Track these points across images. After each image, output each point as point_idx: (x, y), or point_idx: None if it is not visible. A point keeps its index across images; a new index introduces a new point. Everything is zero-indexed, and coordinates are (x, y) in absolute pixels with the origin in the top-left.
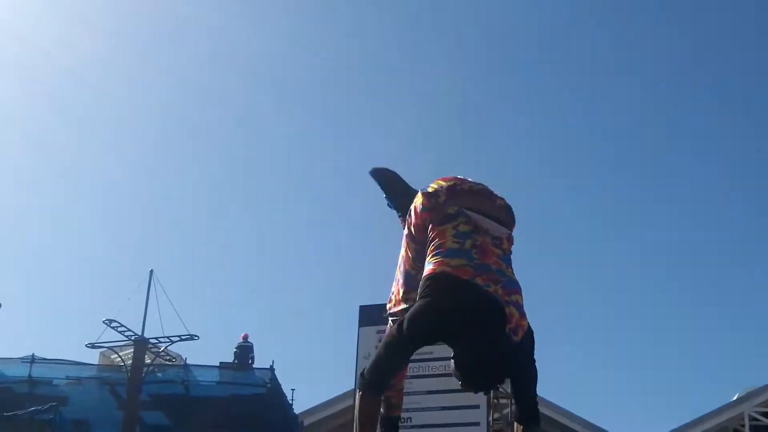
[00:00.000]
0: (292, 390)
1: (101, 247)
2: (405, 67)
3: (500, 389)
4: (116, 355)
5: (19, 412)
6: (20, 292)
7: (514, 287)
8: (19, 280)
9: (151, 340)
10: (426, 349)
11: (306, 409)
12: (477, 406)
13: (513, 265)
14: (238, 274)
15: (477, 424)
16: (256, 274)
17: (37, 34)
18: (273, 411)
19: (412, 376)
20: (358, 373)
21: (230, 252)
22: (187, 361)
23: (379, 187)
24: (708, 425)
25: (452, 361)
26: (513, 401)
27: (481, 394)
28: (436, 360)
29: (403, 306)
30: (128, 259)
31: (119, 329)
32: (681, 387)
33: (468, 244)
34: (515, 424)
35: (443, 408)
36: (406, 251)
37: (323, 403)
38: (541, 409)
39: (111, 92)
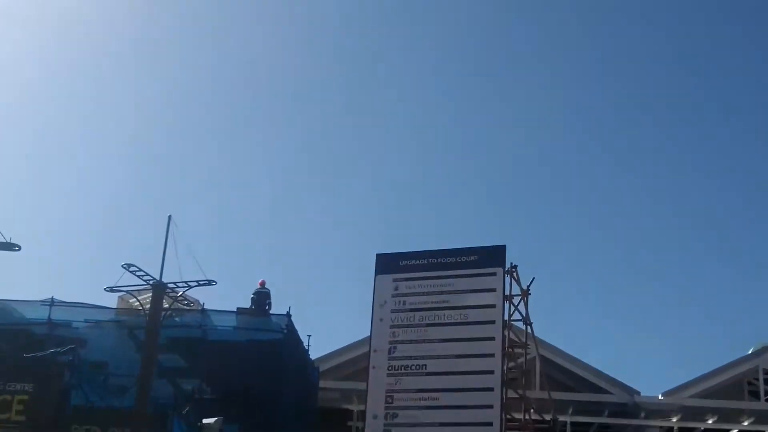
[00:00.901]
0: (309, 336)
1: (121, 192)
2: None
3: (515, 338)
4: (135, 299)
5: (39, 354)
6: (40, 236)
7: None
8: (38, 224)
9: (169, 285)
10: (442, 297)
11: (322, 355)
12: (492, 355)
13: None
14: (256, 222)
15: (491, 372)
16: (274, 222)
17: None
18: (289, 356)
19: (428, 324)
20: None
21: (249, 199)
22: (205, 307)
23: None
24: (722, 378)
25: None
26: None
27: (495, 342)
28: (452, 308)
29: None
30: (148, 204)
31: (138, 273)
32: (697, 341)
33: None
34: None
35: (458, 356)
36: None
37: (339, 349)
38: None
39: (132, 33)
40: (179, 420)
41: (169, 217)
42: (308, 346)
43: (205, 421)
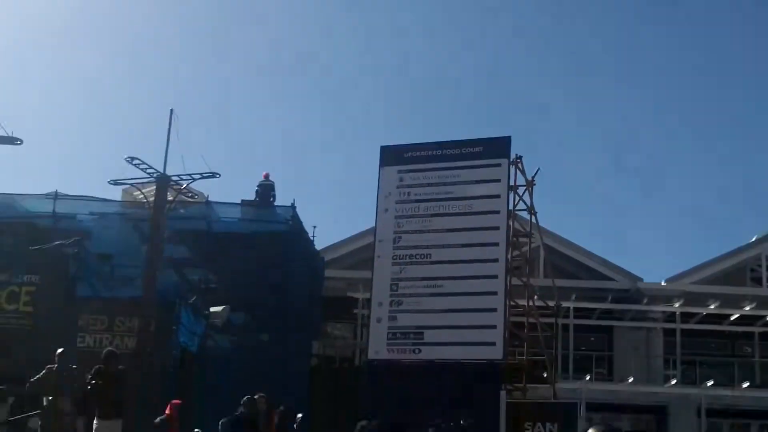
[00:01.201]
0: (314, 227)
1: (124, 85)
2: None
3: (520, 228)
4: (139, 192)
5: (44, 246)
6: (43, 129)
7: None
8: (41, 117)
9: (172, 178)
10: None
11: (327, 245)
12: (496, 244)
13: None
14: (260, 114)
15: (496, 260)
16: (278, 115)
17: None
18: (294, 247)
19: (433, 215)
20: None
21: (252, 92)
22: (209, 199)
23: None
24: (725, 265)
25: None
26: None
27: (500, 231)
28: (457, 199)
29: None
30: (150, 98)
31: (141, 167)
32: (701, 228)
33: None
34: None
35: (463, 245)
36: None
37: (344, 239)
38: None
39: None
40: (186, 309)
41: (171, 110)
42: (313, 237)
43: (212, 309)
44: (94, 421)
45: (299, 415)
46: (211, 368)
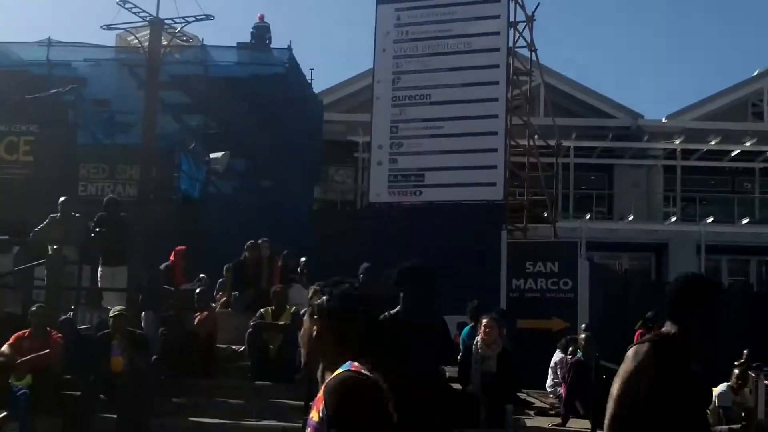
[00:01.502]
0: (311, 70)
1: None
2: None
3: (520, 66)
4: (133, 37)
5: (41, 94)
6: None
7: None
8: None
9: (166, 21)
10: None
11: (325, 88)
12: (496, 83)
13: None
14: None
15: (496, 99)
16: None
17: None
18: (293, 91)
19: (432, 54)
20: None
21: None
22: (205, 43)
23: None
24: (726, 100)
25: None
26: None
27: (500, 69)
28: (456, 37)
29: None
30: None
31: (134, 11)
32: (702, 62)
33: None
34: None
35: (462, 84)
36: None
37: (342, 82)
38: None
39: None
40: (186, 156)
41: None
42: (311, 80)
43: (212, 155)
44: (99, 269)
45: (302, 259)
46: (213, 215)
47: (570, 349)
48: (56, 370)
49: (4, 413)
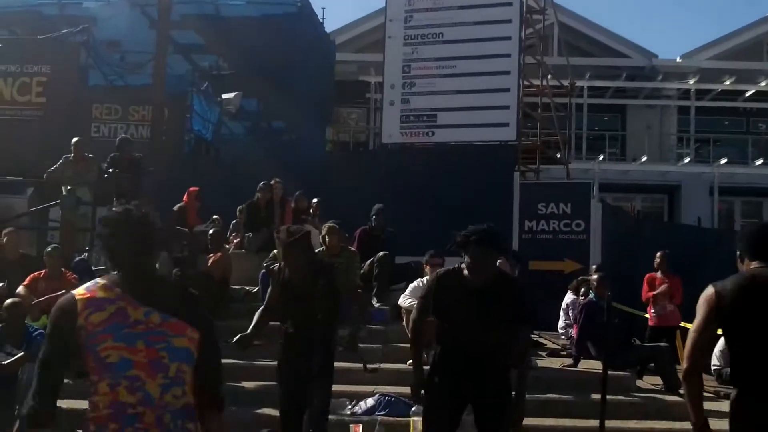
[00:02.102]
0: (323, 9)
1: None
2: None
3: (533, 4)
4: None
5: (52, 35)
6: None
7: None
8: None
9: None
10: None
11: (337, 27)
12: (509, 21)
13: None
14: None
15: (509, 38)
16: None
17: None
18: (305, 30)
19: None
20: None
21: None
22: None
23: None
24: (741, 40)
25: None
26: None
27: (513, 8)
28: None
29: None
30: None
31: None
32: (717, 1)
33: None
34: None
35: (475, 23)
36: None
37: (354, 21)
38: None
39: None
40: (198, 96)
41: None
42: (323, 19)
43: (224, 96)
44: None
45: (314, 200)
46: (226, 156)
47: (582, 290)
48: None
49: (21, 354)
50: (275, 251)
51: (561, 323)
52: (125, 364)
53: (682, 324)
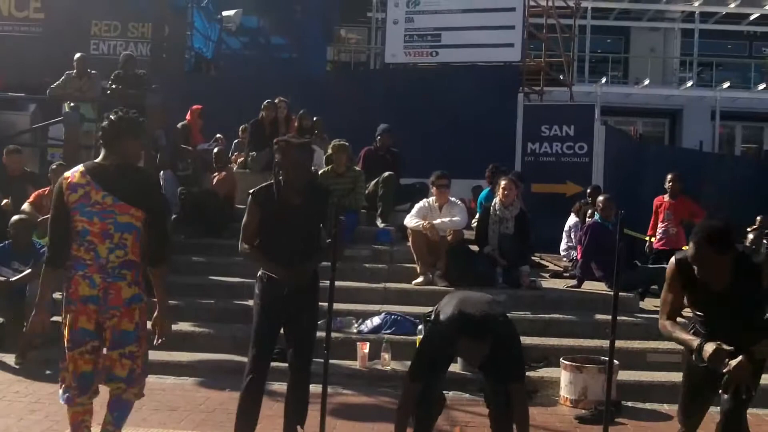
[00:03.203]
0: None
1: None
2: None
3: None
4: None
5: None
6: None
7: None
8: None
9: None
10: None
11: None
12: None
13: None
14: None
15: None
16: None
17: None
18: None
19: None
20: None
21: None
22: None
23: None
24: None
25: None
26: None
27: None
28: None
29: None
30: None
31: None
32: None
33: None
34: None
35: None
36: None
37: None
38: None
39: None
40: (199, 13)
41: None
42: None
43: (224, 13)
44: None
45: (315, 118)
46: (228, 74)
47: (589, 212)
48: None
49: (29, 270)
50: None
51: (563, 245)
52: (85, 232)
53: (685, 248)
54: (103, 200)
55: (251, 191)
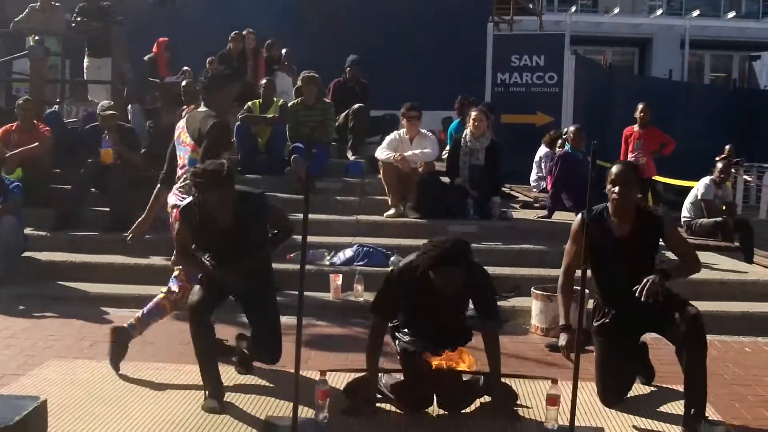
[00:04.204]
0: None
1: None
2: None
3: None
4: None
5: None
6: None
7: None
8: None
9: None
10: None
11: None
12: None
13: None
14: None
15: None
16: None
17: None
18: None
19: None
20: None
21: None
22: None
23: None
24: None
25: None
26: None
27: None
28: None
29: None
30: None
31: None
32: None
33: None
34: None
35: None
36: None
37: None
38: None
39: None
40: None
41: None
42: None
43: None
44: (85, 61)
45: (284, 50)
46: (192, 4)
47: (559, 141)
48: (46, 164)
49: None
50: (249, 103)
51: (533, 176)
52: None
53: (656, 177)
54: (188, 141)
55: (180, 208)
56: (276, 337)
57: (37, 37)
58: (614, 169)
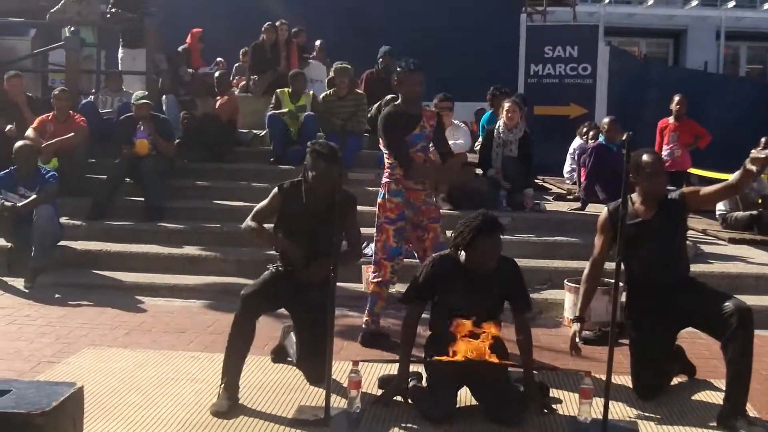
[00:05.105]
0: None
1: None
2: None
3: None
4: None
5: None
6: None
7: None
8: None
9: None
10: None
11: None
12: None
13: None
14: None
15: None
16: None
17: None
18: None
19: None
20: None
21: None
22: None
23: None
24: None
25: None
26: None
27: None
28: None
29: None
30: None
31: None
32: None
33: None
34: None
35: None
36: None
37: None
38: None
39: None
40: None
41: None
42: None
43: None
44: (119, 51)
45: (317, 42)
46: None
47: (591, 133)
48: (81, 154)
49: (34, 196)
50: (278, 91)
51: (567, 167)
52: None
53: (691, 170)
54: None
55: (280, 184)
56: (324, 365)
57: (72, 28)
58: (646, 157)
